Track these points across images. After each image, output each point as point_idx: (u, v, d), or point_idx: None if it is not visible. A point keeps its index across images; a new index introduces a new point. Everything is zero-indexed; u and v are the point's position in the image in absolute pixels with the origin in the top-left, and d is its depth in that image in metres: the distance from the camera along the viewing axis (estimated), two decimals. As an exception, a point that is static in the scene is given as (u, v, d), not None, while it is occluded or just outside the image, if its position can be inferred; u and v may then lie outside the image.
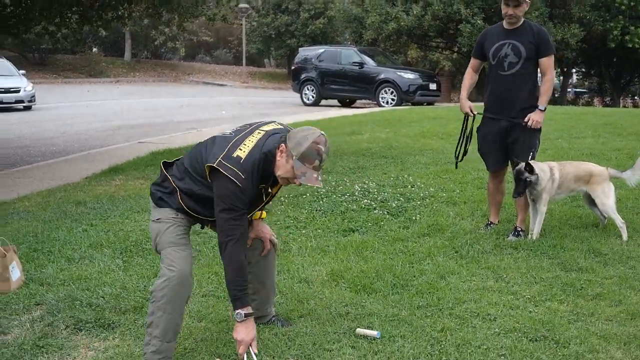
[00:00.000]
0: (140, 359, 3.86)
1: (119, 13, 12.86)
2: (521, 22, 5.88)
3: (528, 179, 5.75)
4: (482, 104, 6.18)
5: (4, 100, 21.94)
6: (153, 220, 3.82)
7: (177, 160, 3.93)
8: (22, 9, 11.93)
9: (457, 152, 6.41)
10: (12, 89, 22.18)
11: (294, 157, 3.55)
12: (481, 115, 6.16)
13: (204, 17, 13.60)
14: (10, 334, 4.32)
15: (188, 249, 3.76)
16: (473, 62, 6.24)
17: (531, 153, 5.87)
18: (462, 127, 6.31)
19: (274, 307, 4.41)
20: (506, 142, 5.97)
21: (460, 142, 6.36)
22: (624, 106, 28.85)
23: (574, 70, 32.51)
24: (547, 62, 5.83)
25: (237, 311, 3.60)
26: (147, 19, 17.10)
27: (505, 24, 5.92)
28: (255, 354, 3.65)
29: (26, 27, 12.49)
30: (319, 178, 3.60)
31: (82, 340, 4.19)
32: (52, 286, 5.05)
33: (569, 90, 32.23)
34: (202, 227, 4.06)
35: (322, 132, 3.63)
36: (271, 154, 3.62)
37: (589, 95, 31.97)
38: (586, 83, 32.37)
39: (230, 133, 3.79)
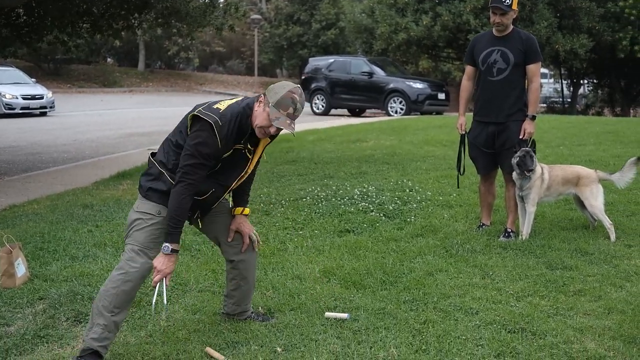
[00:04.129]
0: (135, 348, 4.06)
1: (129, 22, 13.12)
2: (510, 29, 6.05)
3: (532, 157, 5.89)
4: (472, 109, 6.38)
5: (30, 106, 23.14)
6: (135, 210, 3.94)
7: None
8: (34, 18, 12.22)
9: (458, 166, 6.64)
10: (37, 96, 23.17)
11: (270, 104, 3.75)
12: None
13: (212, 27, 13.82)
14: (13, 325, 4.52)
15: (153, 256, 3.85)
16: (467, 69, 6.41)
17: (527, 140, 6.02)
18: (460, 144, 6.52)
19: (264, 302, 4.58)
20: (494, 146, 6.14)
21: (459, 158, 6.57)
22: (634, 116, 28.84)
23: (585, 81, 32.53)
24: (534, 69, 6.00)
25: (166, 244, 3.77)
26: (158, 29, 17.36)
27: (494, 31, 6.10)
28: (166, 285, 3.88)
29: (38, 36, 12.77)
30: (292, 125, 3.80)
31: (82, 332, 4.36)
32: (55, 282, 5.25)
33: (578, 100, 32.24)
34: (190, 223, 4.12)
35: (299, 86, 3.87)
36: (249, 107, 3.84)
37: (600, 105, 31.93)
38: (599, 93, 32.41)
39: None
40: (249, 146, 3.95)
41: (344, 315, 4.37)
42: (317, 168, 9.85)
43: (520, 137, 5.99)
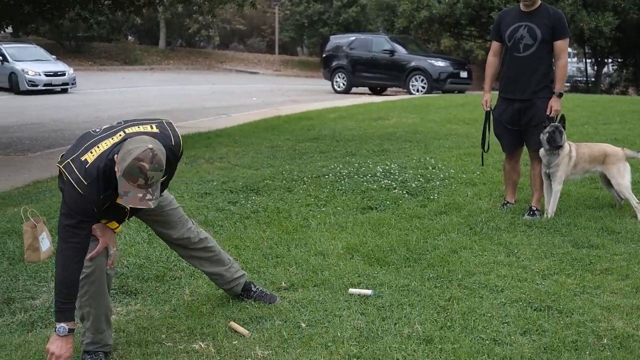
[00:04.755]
0: (159, 322, 4.07)
1: (151, -1, 13.09)
2: (538, 4, 5.94)
3: (562, 132, 5.80)
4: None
5: (53, 83, 23.35)
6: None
7: None
8: (56, -6, 12.21)
9: (482, 143, 6.55)
10: (59, 72, 23.54)
11: (118, 174, 3.20)
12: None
13: (234, 4, 13.73)
14: (38, 298, 4.58)
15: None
16: (493, 45, 6.31)
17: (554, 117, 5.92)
18: (484, 121, 6.43)
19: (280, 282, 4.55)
20: (520, 123, 6.06)
21: (484, 135, 6.48)
22: (660, 96, 28.43)
23: (610, 60, 32.04)
24: (562, 45, 5.89)
25: (60, 324, 3.31)
26: (179, 6, 17.30)
27: (522, 6, 5.98)
28: None
29: (60, 13, 12.75)
30: (147, 197, 3.20)
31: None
32: (79, 256, 5.27)
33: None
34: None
35: (151, 146, 3.18)
36: (113, 161, 3.29)
37: (624, 85, 31.46)
38: (624, 72, 31.95)
39: (97, 130, 3.48)
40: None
41: (368, 292, 4.36)
42: (339, 145, 9.81)
43: (547, 114, 5.90)
